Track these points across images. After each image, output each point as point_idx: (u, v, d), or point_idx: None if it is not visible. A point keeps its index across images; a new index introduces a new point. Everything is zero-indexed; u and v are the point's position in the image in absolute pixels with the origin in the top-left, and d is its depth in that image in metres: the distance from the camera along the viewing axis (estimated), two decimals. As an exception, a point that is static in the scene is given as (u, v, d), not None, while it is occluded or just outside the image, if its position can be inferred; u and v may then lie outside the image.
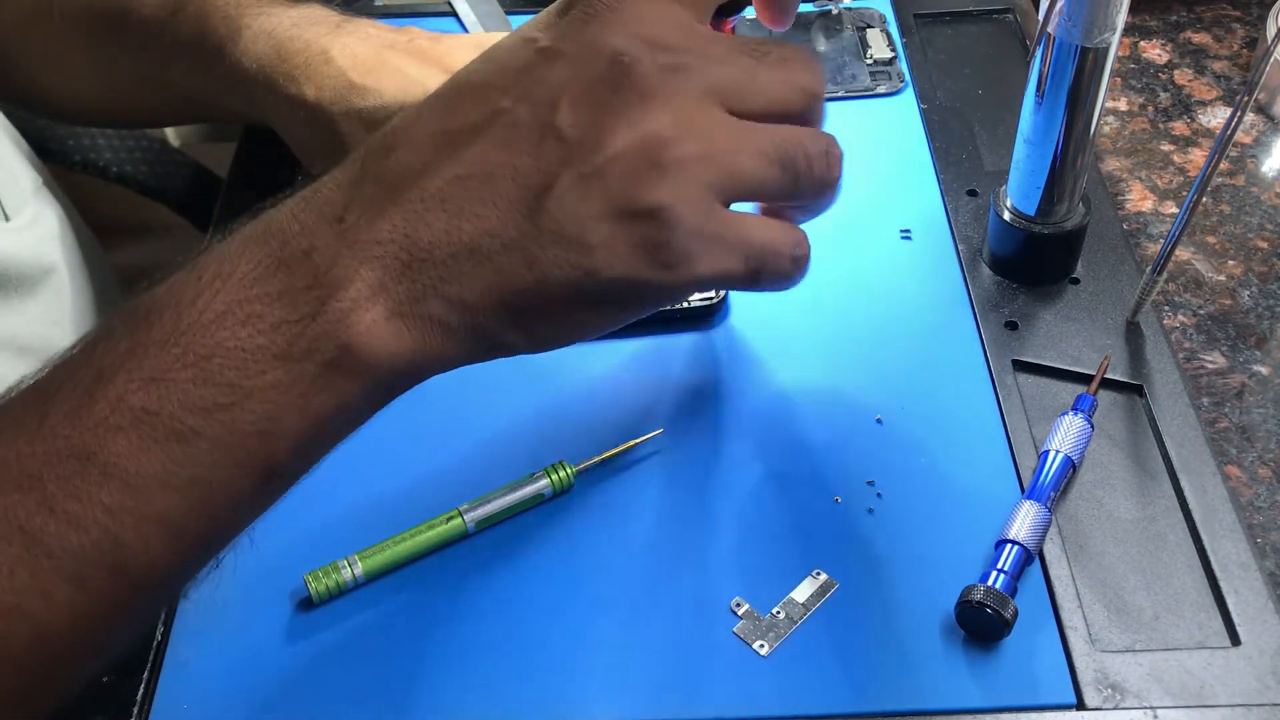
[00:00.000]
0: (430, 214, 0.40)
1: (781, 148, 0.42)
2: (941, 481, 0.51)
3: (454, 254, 0.40)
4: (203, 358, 0.38)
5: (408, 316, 0.40)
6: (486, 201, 0.40)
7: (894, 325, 0.58)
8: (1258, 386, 0.56)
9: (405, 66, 0.62)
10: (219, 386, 0.38)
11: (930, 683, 0.45)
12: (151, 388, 0.38)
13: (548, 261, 0.40)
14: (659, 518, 0.51)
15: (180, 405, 0.38)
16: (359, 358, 0.40)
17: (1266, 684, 0.44)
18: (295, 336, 0.39)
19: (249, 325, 0.39)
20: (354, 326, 0.39)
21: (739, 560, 0.49)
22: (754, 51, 0.42)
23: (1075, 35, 0.50)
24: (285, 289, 0.39)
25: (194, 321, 0.39)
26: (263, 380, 0.39)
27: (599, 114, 0.40)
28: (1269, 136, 0.69)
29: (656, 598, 0.48)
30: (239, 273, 0.40)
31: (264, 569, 0.49)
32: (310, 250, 0.40)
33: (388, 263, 0.40)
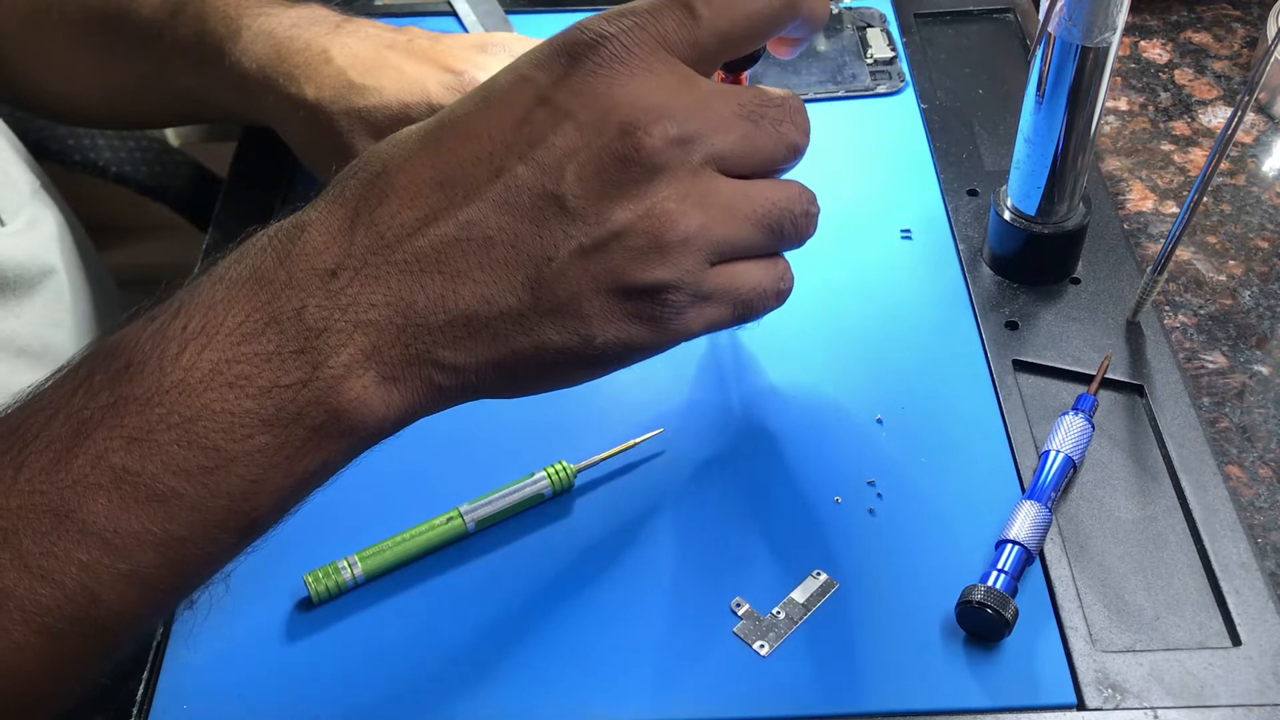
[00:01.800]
0: (426, 276, 0.39)
1: (770, 213, 0.43)
2: (941, 481, 0.51)
3: (450, 320, 0.40)
4: (188, 419, 0.38)
5: (399, 380, 0.40)
6: (485, 267, 0.40)
7: (894, 325, 0.58)
8: (1258, 386, 0.56)
9: (405, 65, 0.61)
10: (204, 450, 0.38)
11: (930, 683, 0.45)
12: (133, 447, 0.37)
13: (545, 329, 0.40)
14: (659, 517, 0.51)
15: (162, 466, 0.37)
16: (348, 422, 0.39)
17: (1267, 684, 0.44)
18: (285, 402, 0.38)
19: (237, 388, 0.38)
20: (345, 394, 0.39)
21: (739, 560, 0.49)
22: (753, 114, 0.42)
23: (1076, 35, 0.50)
24: (276, 350, 0.38)
25: (179, 380, 0.38)
26: (249, 445, 0.38)
27: (604, 186, 0.40)
28: (1269, 136, 0.69)
29: (656, 598, 0.48)
30: (226, 326, 0.38)
31: (264, 569, 0.49)
32: (301, 309, 0.39)
33: (382, 327, 0.39)
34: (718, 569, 0.49)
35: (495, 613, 0.48)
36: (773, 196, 0.43)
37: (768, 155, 0.43)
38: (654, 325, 0.41)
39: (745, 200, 0.42)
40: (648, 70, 0.41)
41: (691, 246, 0.41)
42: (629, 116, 0.40)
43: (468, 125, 0.41)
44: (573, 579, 0.49)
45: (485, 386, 0.41)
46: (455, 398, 0.41)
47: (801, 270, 0.60)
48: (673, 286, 0.41)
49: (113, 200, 0.86)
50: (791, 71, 0.72)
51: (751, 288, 0.44)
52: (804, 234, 0.45)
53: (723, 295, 0.43)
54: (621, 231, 0.40)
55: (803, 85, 0.71)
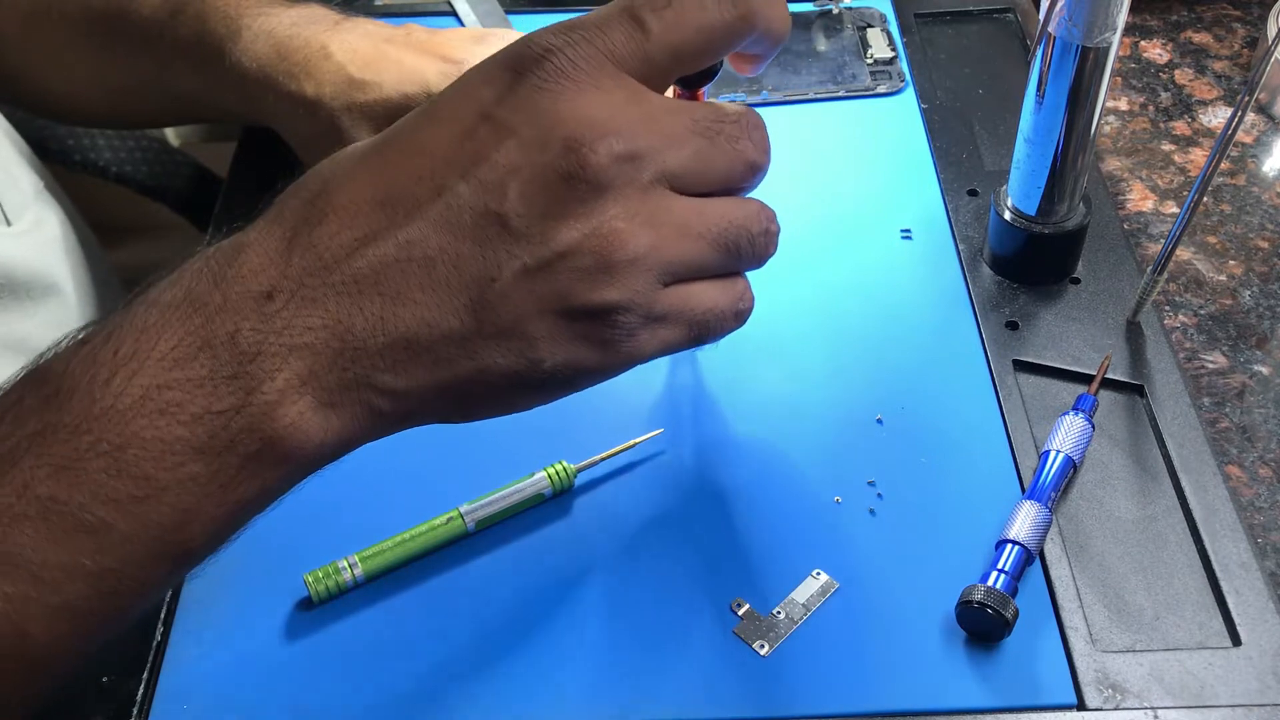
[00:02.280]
0: (365, 298, 0.38)
1: (725, 232, 0.41)
2: (942, 481, 0.51)
3: (389, 344, 0.38)
4: (117, 447, 0.36)
5: (337, 405, 0.38)
6: (425, 288, 0.38)
7: (894, 325, 0.58)
8: (1258, 386, 0.56)
9: (404, 57, 0.61)
10: (134, 478, 0.36)
11: (930, 683, 0.45)
12: (61, 476, 0.36)
13: (489, 352, 0.39)
14: (659, 517, 0.51)
15: (91, 496, 0.36)
16: (283, 449, 0.38)
17: (1267, 684, 0.44)
18: (218, 429, 0.37)
19: (168, 415, 0.37)
20: (280, 420, 0.37)
21: (739, 560, 0.49)
22: (707, 131, 0.41)
23: (1076, 35, 0.50)
24: (208, 375, 0.37)
25: (109, 406, 0.36)
26: (181, 473, 0.37)
27: (549, 205, 0.38)
28: (1270, 136, 0.69)
29: (656, 598, 0.48)
30: (158, 351, 0.37)
31: (264, 569, 0.49)
32: (235, 333, 0.37)
33: (319, 351, 0.38)
34: (718, 569, 0.49)
35: (495, 613, 0.48)
36: (729, 214, 0.41)
37: (723, 173, 0.41)
38: (604, 348, 0.40)
39: (699, 218, 0.41)
40: (595, 86, 0.39)
41: (641, 266, 0.39)
42: (574, 132, 0.38)
43: (410, 141, 0.40)
44: (573, 579, 0.49)
45: (429, 412, 0.40)
46: (399, 423, 0.40)
47: (801, 270, 0.61)
48: (622, 308, 0.39)
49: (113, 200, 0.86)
50: (792, 71, 0.72)
51: (707, 309, 0.42)
52: (762, 254, 0.43)
53: (676, 316, 0.41)
54: (567, 251, 0.38)
55: (803, 85, 0.71)
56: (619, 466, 0.53)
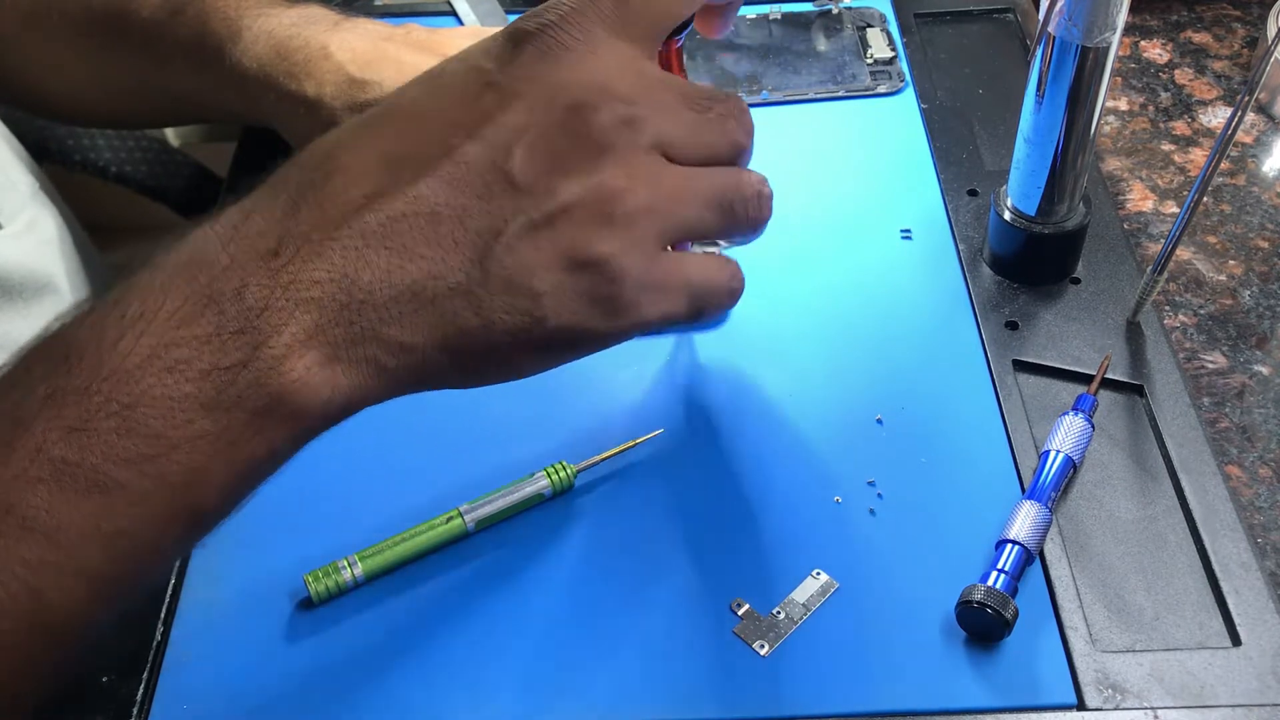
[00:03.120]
0: (371, 252, 0.38)
1: (720, 193, 0.43)
2: (942, 481, 0.51)
3: (395, 296, 0.39)
4: (126, 406, 0.36)
5: (344, 360, 0.38)
6: (432, 242, 0.39)
7: (894, 325, 0.58)
8: (1258, 386, 0.56)
9: (403, 56, 0.62)
10: (144, 437, 0.36)
11: (930, 683, 0.45)
12: (72, 438, 0.36)
13: (494, 307, 0.39)
14: (659, 518, 0.51)
15: (103, 456, 0.36)
16: (291, 405, 0.38)
17: (1267, 684, 0.44)
18: (225, 385, 0.37)
19: (176, 372, 0.37)
20: (287, 375, 0.37)
21: (739, 560, 0.49)
22: (696, 105, 0.43)
23: (1075, 35, 0.50)
24: (214, 332, 0.37)
25: (117, 366, 0.37)
26: (190, 430, 0.37)
27: (553, 162, 0.40)
28: (1269, 136, 0.69)
29: (656, 598, 0.48)
30: (165, 310, 0.37)
31: (264, 569, 0.49)
32: (242, 289, 0.38)
33: (325, 304, 0.38)
34: (718, 569, 0.49)
35: (495, 613, 0.48)
36: (720, 179, 0.43)
37: (711, 148, 0.43)
38: (606, 308, 0.40)
39: (692, 181, 0.42)
40: (593, 52, 0.41)
41: (641, 220, 0.40)
42: (577, 96, 0.40)
43: (416, 107, 0.41)
44: (573, 579, 0.49)
45: (432, 370, 0.40)
46: (402, 382, 0.40)
47: (801, 270, 0.61)
48: (622, 261, 0.40)
49: (113, 200, 0.86)
50: (792, 71, 0.72)
51: (704, 279, 0.43)
52: (757, 216, 0.44)
53: (675, 284, 0.42)
54: (570, 205, 0.40)
55: (803, 85, 0.71)
56: (619, 466, 0.53)
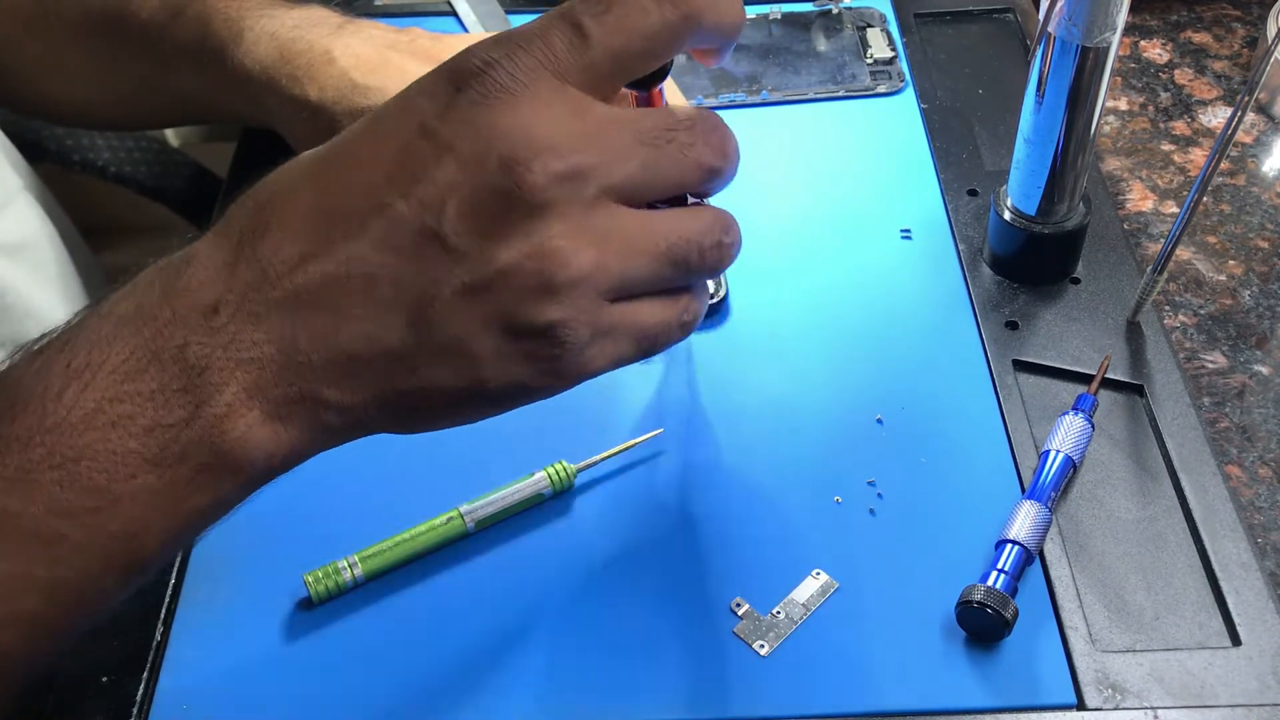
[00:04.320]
0: (309, 313, 0.38)
1: (675, 247, 0.40)
2: (942, 481, 0.51)
3: (332, 359, 0.38)
4: (69, 460, 0.36)
5: (285, 418, 0.38)
6: (367, 305, 0.38)
7: (894, 325, 0.58)
8: (1258, 386, 0.56)
9: (407, 65, 0.61)
10: (87, 490, 0.37)
11: (930, 683, 0.45)
12: (14, 488, 0.36)
13: (431, 370, 0.38)
14: (659, 517, 0.51)
15: (45, 508, 0.36)
16: (234, 461, 0.38)
17: (1267, 684, 0.44)
18: (169, 441, 0.37)
19: (120, 427, 0.37)
20: (229, 432, 0.37)
21: (739, 560, 0.49)
22: (655, 140, 0.39)
23: (1075, 35, 0.50)
24: (158, 389, 0.37)
25: (62, 419, 0.37)
26: (133, 485, 0.37)
27: (488, 223, 0.37)
28: (1269, 136, 0.69)
29: (656, 598, 0.48)
30: (110, 363, 0.37)
31: (264, 569, 0.49)
32: (184, 347, 0.37)
33: (264, 365, 0.38)
34: (718, 569, 0.49)
35: (495, 613, 0.48)
36: (678, 228, 0.40)
37: (675, 181, 0.40)
38: (551, 365, 0.39)
39: (645, 233, 0.39)
40: (534, 98, 0.38)
41: (584, 285, 0.38)
42: (512, 151, 0.37)
43: (352, 154, 0.39)
44: (573, 579, 0.49)
45: (377, 424, 0.40)
46: (349, 433, 0.40)
47: (801, 270, 0.61)
48: (566, 326, 0.38)
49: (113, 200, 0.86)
50: (792, 71, 0.72)
51: (655, 324, 0.41)
52: (714, 266, 0.41)
53: (623, 331, 0.40)
54: (507, 270, 0.37)
55: (803, 85, 0.71)
56: (619, 466, 0.53)
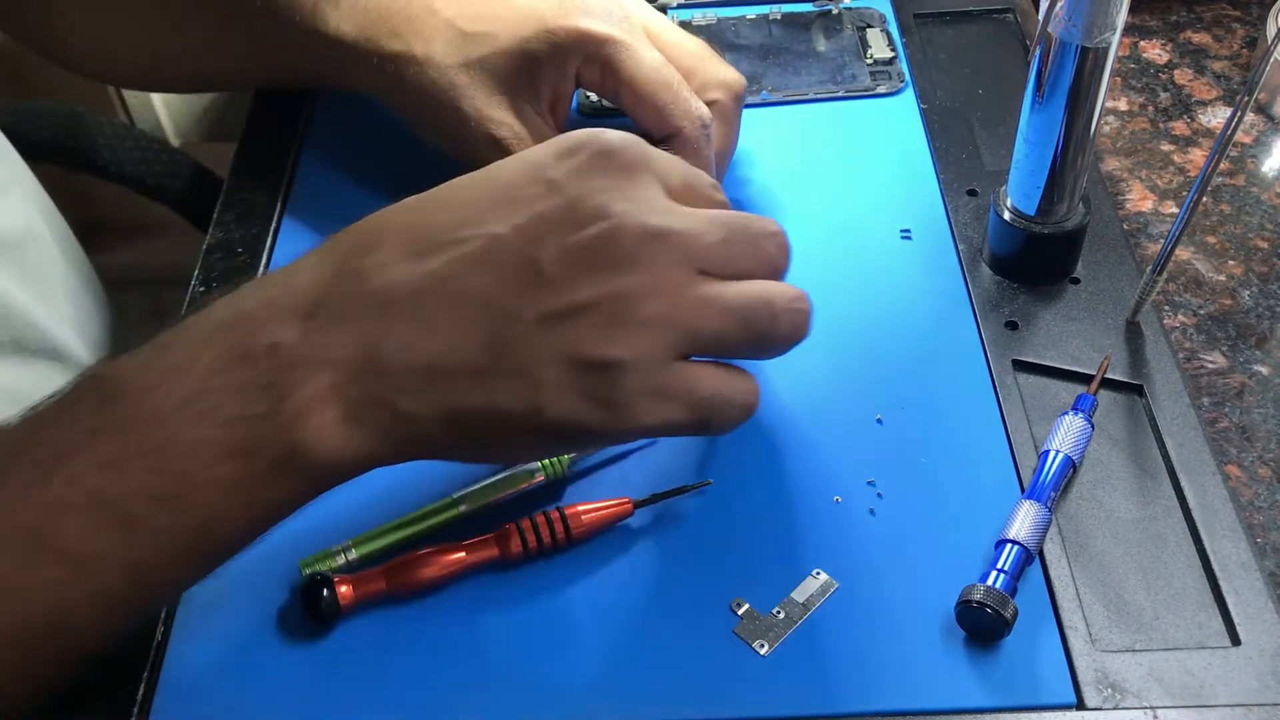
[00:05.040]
0: (398, 321, 0.41)
1: (747, 306, 0.43)
2: (941, 481, 0.51)
3: (411, 367, 0.41)
4: (157, 447, 0.39)
5: (358, 421, 0.41)
6: (454, 319, 0.41)
7: (894, 325, 0.58)
8: (1258, 386, 0.56)
9: (516, 5, 0.59)
10: (171, 476, 0.39)
11: (930, 683, 0.45)
12: (106, 472, 0.39)
13: (499, 390, 0.41)
14: (658, 517, 0.51)
15: (132, 491, 0.39)
16: (306, 458, 0.40)
17: (1267, 684, 0.44)
18: (249, 433, 0.40)
19: (206, 418, 0.40)
20: (305, 428, 0.40)
21: (739, 560, 0.49)
22: (729, 225, 0.44)
23: (1075, 35, 0.50)
24: (245, 383, 0.40)
25: (153, 409, 0.39)
26: (213, 473, 0.40)
27: (581, 261, 0.41)
28: (1269, 136, 0.69)
29: (656, 598, 0.48)
30: (204, 360, 0.40)
31: (265, 569, 0.49)
32: (275, 346, 0.40)
33: (348, 366, 0.41)
34: (718, 569, 0.49)
35: (494, 612, 0.48)
36: (751, 290, 0.44)
37: (746, 269, 0.44)
38: (605, 409, 0.42)
39: (720, 294, 0.43)
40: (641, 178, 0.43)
41: (652, 330, 0.41)
42: (618, 206, 0.42)
43: (465, 193, 0.44)
44: (572, 579, 0.49)
45: (435, 443, 0.43)
46: (407, 449, 0.43)
47: (801, 270, 0.60)
48: (627, 367, 0.41)
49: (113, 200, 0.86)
50: (791, 71, 0.72)
51: (714, 393, 0.43)
52: (787, 334, 0.45)
53: (680, 395, 0.43)
54: (587, 304, 0.41)
55: (802, 85, 0.71)
56: (617, 466, 0.53)
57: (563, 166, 0.43)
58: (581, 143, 0.44)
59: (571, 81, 0.60)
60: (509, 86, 0.58)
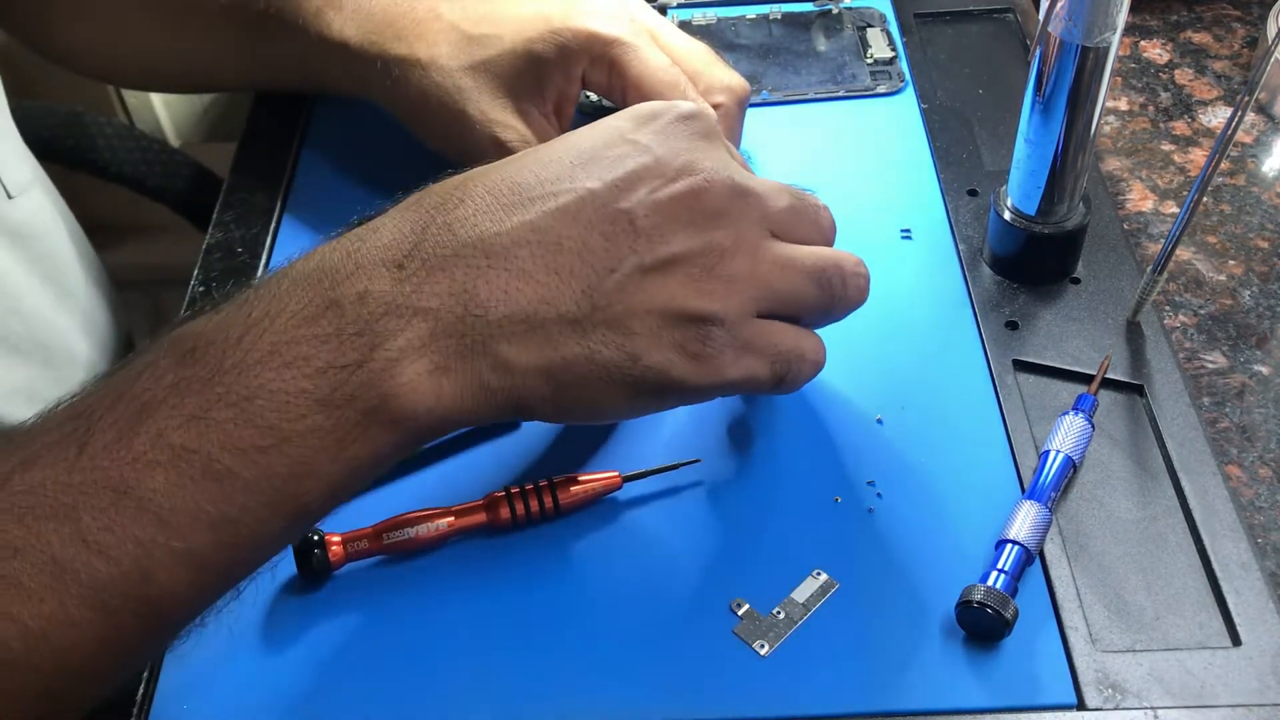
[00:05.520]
0: (492, 271, 0.41)
1: (821, 269, 0.46)
2: (941, 481, 0.51)
3: (509, 315, 0.41)
4: (244, 398, 0.38)
5: (451, 372, 0.40)
6: (550, 270, 0.41)
7: (894, 325, 0.58)
8: (1258, 386, 0.56)
9: (520, 5, 0.60)
10: (258, 428, 0.38)
11: (930, 683, 0.45)
12: (192, 425, 0.38)
13: (595, 340, 0.42)
14: (659, 517, 0.51)
15: (219, 445, 0.38)
16: (398, 409, 0.40)
17: (1267, 684, 0.44)
18: (339, 383, 0.39)
19: (294, 368, 0.39)
20: (398, 377, 0.39)
21: (739, 560, 0.49)
22: (792, 193, 0.47)
23: (1076, 35, 0.50)
24: (334, 332, 0.39)
25: (239, 360, 0.39)
26: (302, 425, 0.39)
27: (674, 213, 0.43)
28: (1269, 136, 0.69)
29: (656, 598, 0.48)
30: (288, 311, 0.39)
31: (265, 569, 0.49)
32: (365, 294, 0.40)
33: (441, 315, 0.40)
34: (718, 569, 0.49)
35: (494, 612, 0.48)
36: (823, 253, 0.46)
37: (805, 234, 0.46)
38: (694, 361, 0.43)
39: (796, 254, 0.45)
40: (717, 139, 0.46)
41: (741, 284, 0.43)
42: (703, 163, 0.44)
43: (553, 152, 0.44)
44: (572, 578, 0.49)
45: (529, 397, 0.42)
46: (499, 404, 0.42)
47: (801, 270, 0.61)
48: (717, 319, 0.43)
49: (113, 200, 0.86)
50: (792, 71, 0.72)
51: (790, 348, 0.46)
52: (855, 295, 0.47)
53: (763, 348, 0.45)
54: (681, 257, 0.42)
55: (803, 85, 0.71)
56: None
57: (645, 130, 0.45)
58: (659, 110, 0.45)
59: (577, 84, 0.60)
60: (514, 89, 0.58)
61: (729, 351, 0.43)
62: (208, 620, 0.42)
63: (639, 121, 0.45)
